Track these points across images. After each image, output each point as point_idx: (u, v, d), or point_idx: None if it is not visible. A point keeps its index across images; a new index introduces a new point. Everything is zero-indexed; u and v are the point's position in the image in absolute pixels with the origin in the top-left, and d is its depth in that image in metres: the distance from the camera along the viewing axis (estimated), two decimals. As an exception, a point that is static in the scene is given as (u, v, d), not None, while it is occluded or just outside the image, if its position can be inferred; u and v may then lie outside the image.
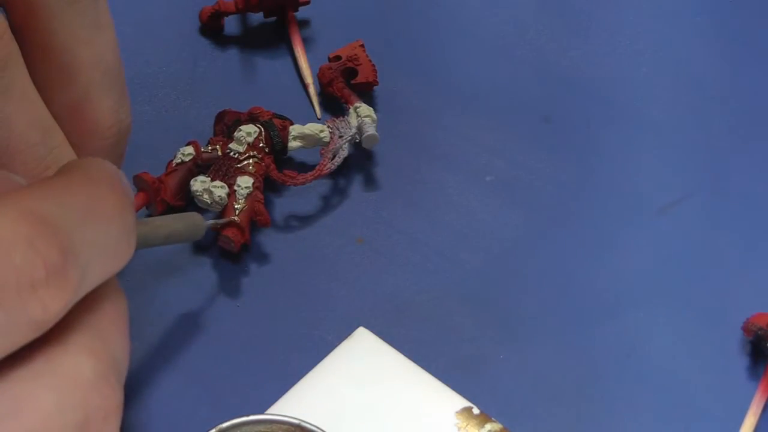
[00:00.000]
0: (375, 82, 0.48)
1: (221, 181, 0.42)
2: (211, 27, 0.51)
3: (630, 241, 0.45)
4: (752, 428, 0.40)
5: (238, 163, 0.43)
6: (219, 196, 0.41)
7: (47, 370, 0.26)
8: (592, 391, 0.41)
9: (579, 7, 0.54)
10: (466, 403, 0.38)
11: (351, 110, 0.45)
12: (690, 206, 0.46)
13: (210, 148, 0.44)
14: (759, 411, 0.40)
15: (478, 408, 0.38)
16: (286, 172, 0.43)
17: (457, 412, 0.38)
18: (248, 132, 0.43)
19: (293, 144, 0.44)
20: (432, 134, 0.48)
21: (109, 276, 0.29)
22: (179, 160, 0.43)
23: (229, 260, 0.43)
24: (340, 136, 0.44)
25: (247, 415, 0.34)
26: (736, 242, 0.45)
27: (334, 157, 0.44)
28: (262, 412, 0.36)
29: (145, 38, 0.50)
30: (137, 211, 0.42)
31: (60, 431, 0.26)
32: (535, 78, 0.51)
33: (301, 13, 0.51)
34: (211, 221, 0.41)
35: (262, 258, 0.43)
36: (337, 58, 0.48)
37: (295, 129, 0.45)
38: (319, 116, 0.48)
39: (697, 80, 0.51)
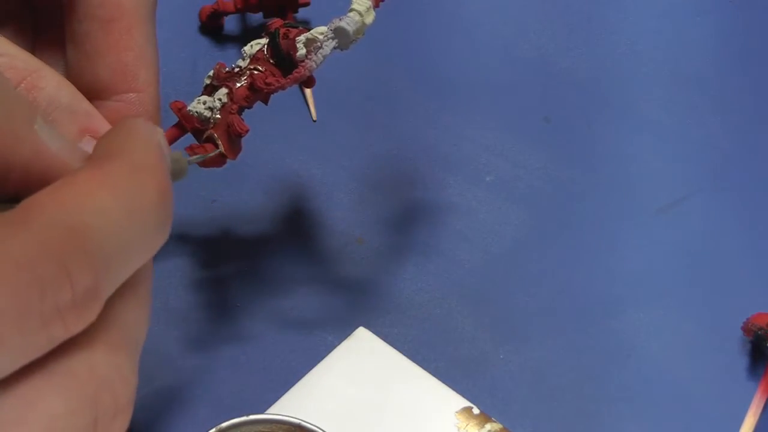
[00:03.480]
0: None
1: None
2: (210, 26, 0.51)
3: (630, 241, 0.45)
4: (752, 428, 0.40)
5: (240, 77, 0.39)
6: (197, 111, 0.39)
7: (60, 371, 0.25)
8: (592, 391, 0.41)
9: (579, 7, 0.54)
10: (466, 403, 0.38)
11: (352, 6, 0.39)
12: (690, 206, 0.46)
13: (235, 66, 0.40)
14: (759, 411, 0.40)
15: (478, 408, 0.38)
16: (271, 77, 0.39)
17: (457, 412, 0.38)
18: (253, 45, 0.39)
19: (301, 52, 0.39)
20: (432, 134, 0.48)
21: (142, 263, 0.27)
22: (205, 83, 0.40)
23: (229, 259, 0.43)
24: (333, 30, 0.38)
25: (247, 415, 0.34)
26: (735, 242, 0.45)
27: (317, 52, 0.38)
28: (262, 412, 0.36)
29: (145, 38, 0.50)
30: (178, 138, 0.40)
31: None
32: (535, 78, 0.51)
33: (301, 14, 0.51)
34: (193, 157, 0.38)
35: (262, 258, 0.43)
36: None
37: (302, 36, 0.39)
38: (314, 118, 0.48)
39: (697, 80, 0.51)
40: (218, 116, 0.39)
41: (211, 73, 0.40)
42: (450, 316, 0.42)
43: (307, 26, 0.40)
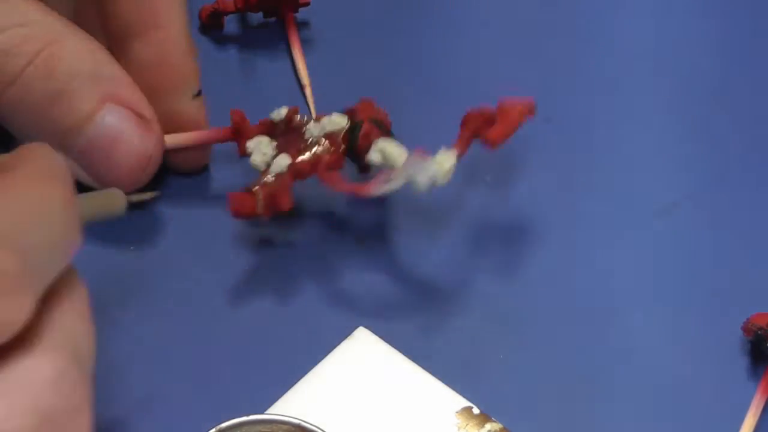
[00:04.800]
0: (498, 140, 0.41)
1: (280, 152, 0.41)
2: (210, 26, 0.51)
3: (630, 241, 0.45)
4: (752, 428, 0.40)
5: (305, 144, 0.41)
6: (254, 162, 0.40)
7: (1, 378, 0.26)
8: (593, 391, 0.41)
9: (579, 7, 0.54)
10: (466, 403, 0.38)
11: (439, 154, 0.41)
12: (690, 206, 0.46)
13: (306, 117, 0.42)
14: (759, 411, 0.40)
15: (478, 408, 0.38)
16: (334, 173, 0.41)
17: (457, 412, 0.38)
18: (332, 121, 0.41)
19: (372, 156, 0.41)
20: (432, 134, 0.48)
21: (61, 269, 0.29)
22: (273, 119, 0.42)
23: (229, 260, 0.43)
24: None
25: (247, 415, 0.34)
26: (735, 242, 0.45)
27: (385, 183, 0.40)
28: (262, 412, 0.36)
29: (145, 38, 0.50)
30: (221, 141, 0.43)
31: None
32: (535, 78, 0.51)
33: (302, 14, 0.51)
34: (135, 196, 0.39)
35: (262, 258, 0.43)
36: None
37: (380, 142, 0.41)
38: (315, 118, 0.48)
39: (697, 80, 0.51)
40: (272, 179, 0.40)
41: (283, 111, 0.41)
42: (450, 317, 0.42)
43: (375, 122, 0.42)
